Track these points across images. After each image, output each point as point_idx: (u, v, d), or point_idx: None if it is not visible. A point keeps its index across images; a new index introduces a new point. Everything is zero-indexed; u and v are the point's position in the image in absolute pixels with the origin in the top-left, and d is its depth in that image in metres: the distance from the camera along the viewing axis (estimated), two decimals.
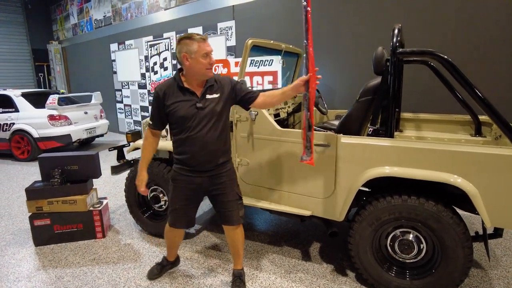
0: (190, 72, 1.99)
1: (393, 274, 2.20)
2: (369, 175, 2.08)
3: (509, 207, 1.84)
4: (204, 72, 1.98)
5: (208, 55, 1.95)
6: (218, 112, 2.01)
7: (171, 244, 2.43)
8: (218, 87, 2.07)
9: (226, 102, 2.08)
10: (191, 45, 1.92)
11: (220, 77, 2.12)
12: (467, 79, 1.95)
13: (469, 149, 1.87)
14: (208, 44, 1.98)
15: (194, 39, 1.93)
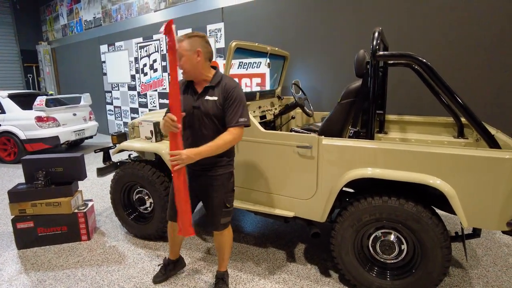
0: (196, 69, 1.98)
1: (374, 274, 2.23)
2: (350, 177, 2.11)
3: (485, 208, 1.88)
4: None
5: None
6: (211, 114, 1.99)
7: (171, 241, 2.42)
8: (219, 90, 1.99)
9: (220, 108, 1.99)
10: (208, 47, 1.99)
11: (228, 82, 2.01)
12: (444, 82, 1.99)
13: (446, 151, 1.91)
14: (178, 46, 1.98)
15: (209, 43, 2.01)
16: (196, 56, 1.93)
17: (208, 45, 1.99)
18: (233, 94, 1.97)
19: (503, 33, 3.21)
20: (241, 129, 1.99)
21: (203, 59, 1.95)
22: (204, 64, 1.97)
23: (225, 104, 1.98)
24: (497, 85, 3.31)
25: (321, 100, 4.47)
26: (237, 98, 1.97)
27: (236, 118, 1.95)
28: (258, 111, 3.19)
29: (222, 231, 2.18)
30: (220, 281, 2.29)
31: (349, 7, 4.04)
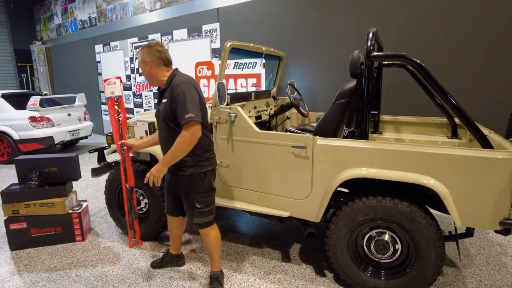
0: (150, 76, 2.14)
1: (369, 274, 2.23)
2: (345, 176, 2.12)
3: (478, 207, 1.90)
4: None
5: None
6: (163, 115, 2.07)
7: (170, 234, 2.56)
8: (169, 91, 2.03)
9: (171, 110, 2.02)
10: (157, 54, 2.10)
11: (174, 81, 2.04)
12: (438, 82, 2.01)
13: (440, 151, 1.92)
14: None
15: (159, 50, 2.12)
16: (146, 66, 2.08)
17: (158, 52, 2.06)
18: (177, 92, 1.96)
19: (500, 34, 3.24)
20: (190, 126, 1.93)
21: (153, 66, 2.07)
22: (156, 70, 2.08)
23: (173, 105, 1.98)
24: (491, 86, 3.34)
25: (316, 100, 4.48)
26: (180, 95, 1.94)
27: (182, 117, 1.93)
28: (254, 111, 3.19)
29: (203, 231, 2.23)
30: (214, 281, 2.29)
31: (344, 8, 4.06)
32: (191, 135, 1.94)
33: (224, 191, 2.72)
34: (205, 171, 2.14)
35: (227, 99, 2.52)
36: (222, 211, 3.71)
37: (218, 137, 2.65)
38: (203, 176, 2.13)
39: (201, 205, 2.16)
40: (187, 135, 1.94)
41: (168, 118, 2.04)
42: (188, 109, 1.91)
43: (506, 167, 1.80)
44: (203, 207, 2.17)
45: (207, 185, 2.16)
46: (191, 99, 1.94)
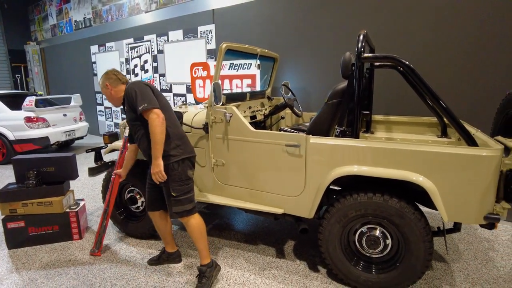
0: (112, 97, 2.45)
1: (361, 268, 2.31)
2: (336, 174, 2.19)
3: (464, 203, 1.98)
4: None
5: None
6: (129, 119, 2.34)
7: (159, 232, 2.66)
8: (125, 98, 2.32)
9: (131, 111, 2.28)
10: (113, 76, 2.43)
11: (126, 88, 2.29)
12: (425, 83, 2.09)
13: (428, 149, 2.00)
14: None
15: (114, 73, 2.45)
16: (107, 89, 2.39)
17: (114, 75, 2.40)
18: (128, 93, 2.23)
19: (487, 37, 3.33)
20: (147, 113, 2.14)
21: (112, 87, 2.39)
22: (116, 90, 2.40)
23: (130, 105, 2.24)
24: (479, 86, 3.43)
25: (310, 100, 4.55)
26: (131, 94, 2.19)
27: (138, 109, 2.15)
28: (249, 111, 3.25)
29: (184, 220, 2.35)
30: (200, 276, 2.35)
31: (337, 10, 4.14)
32: (156, 118, 2.12)
33: (220, 189, 2.78)
34: (177, 160, 2.27)
35: (222, 99, 2.58)
36: (218, 210, 3.77)
37: (213, 136, 2.71)
38: (176, 166, 2.27)
39: (176, 193, 2.28)
40: (152, 119, 2.12)
41: (133, 119, 2.30)
42: (141, 101, 2.15)
43: (490, 163, 1.89)
44: (179, 196, 2.28)
45: (182, 174, 2.29)
46: (141, 92, 2.18)
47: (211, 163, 2.76)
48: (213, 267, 2.41)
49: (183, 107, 3.35)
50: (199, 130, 2.78)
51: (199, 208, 3.85)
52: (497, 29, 3.23)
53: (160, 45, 6.52)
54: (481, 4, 3.28)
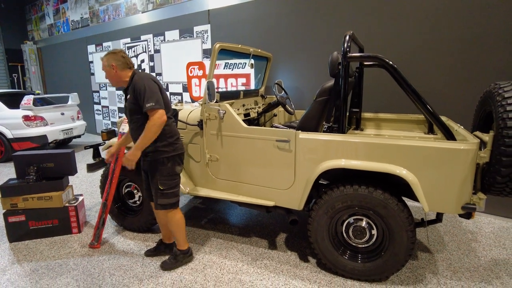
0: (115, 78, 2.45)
1: (347, 257, 2.43)
2: (324, 167, 2.31)
3: (444, 194, 2.10)
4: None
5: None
6: (129, 110, 2.37)
7: (158, 222, 2.75)
8: (131, 88, 2.34)
9: (135, 103, 2.33)
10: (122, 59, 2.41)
11: (134, 79, 2.35)
12: (407, 81, 2.21)
13: (409, 143, 2.12)
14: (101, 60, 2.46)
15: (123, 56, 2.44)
16: (112, 69, 2.38)
17: (122, 58, 2.38)
18: (138, 86, 2.28)
19: (469, 36, 3.46)
20: (153, 112, 2.24)
21: (118, 69, 2.37)
22: (121, 73, 2.39)
23: (137, 98, 2.30)
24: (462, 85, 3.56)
25: (303, 99, 4.67)
26: (140, 89, 2.27)
27: (144, 106, 2.24)
28: (242, 109, 3.36)
29: (166, 213, 2.51)
30: (172, 255, 2.62)
31: (329, 11, 4.26)
32: (158, 119, 2.24)
33: (214, 183, 2.89)
34: (168, 156, 2.40)
35: (216, 97, 2.69)
36: (213, 204, 3.88)
37: (208, 132, 2.82)
38: (166, 161, 2.40)
39: (163, 187, 2.42)
40: (153, 120, 2.24)
41: (133, 111, 2.35)
42: (149, 99, 2.24)
43: (467, 157, 2.01)
44: (165, 189, 2.43)
45: (170, 169, 2.43)
46: (150, 90, 2.26)
47: (205, 158, 2.87)
48: (187, 255, 2.66)
49: (178, 105, 3.46)
50: (194, 126, 2.89)
51: (194, 203, 3.96)
52: (481, 30, 3.36)
53: (156, 45, 6.62)
54: (466, 5, 3.41)
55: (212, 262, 2.66)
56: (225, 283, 2.40)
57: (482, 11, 3.33)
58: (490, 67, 3.37)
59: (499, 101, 1.99)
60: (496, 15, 3.26)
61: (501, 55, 3.30)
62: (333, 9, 4.23)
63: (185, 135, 2.98)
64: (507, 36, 3.24)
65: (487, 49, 3.36)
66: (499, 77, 3.34)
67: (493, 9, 3.27)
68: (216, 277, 2.46)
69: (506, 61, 3.28)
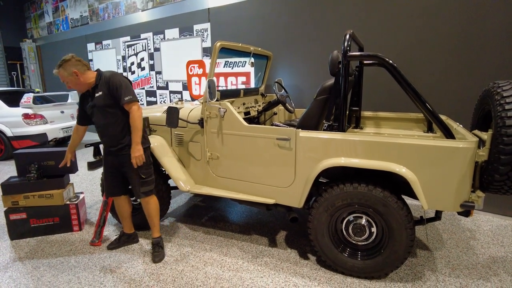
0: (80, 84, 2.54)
1: (347, 255, 2.45)
2: (324, 165, 2.32)
3: (442, 192, 2.12)
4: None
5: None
6: (102, 105, 2.47)
7: (120, 215, 2.89)
8: (102, 85, 2.47)
9: (109, 97, 2.46)
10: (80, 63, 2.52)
11: (105, 75, 2.48)
12: (407, 81, 2.23)
13: (409, 141, 2.14)
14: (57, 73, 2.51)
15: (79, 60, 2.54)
16: (76, 76, 2.45)
17: (79, 61, 2.48)
18: (113, 82, 2.43)
19: (469, 36, 3.48)
20: (131, 104, 2.44)
21: (81, 74, 2.46)
22: (84, 76, 2.48)
23: (113, 93, 2.44)
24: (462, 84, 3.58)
25: (303, 97, 4.69)
26: (117, 84, 2.43)
27: (123, 99, 2.42)
28: (243, 107, 3.38)
29: (145, 199, 2.67)
30: (156, 246, 2.74)
31: (329, 10, 4.27)
32: (138, 110, 2.46)
33: (214, 181, 2.91)
34: (144, 147, 2.59)
35: (217, 95, 2.71)
36: (213, 203, 3.90)
37: (208, 130, 2.83)
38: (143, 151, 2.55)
39: (145, 176, 2.62)
40: (137, 110, 2.45)
41: (108, 106, 2.47)
42: (127, 93, 2.44)
43: (466, 155, 2.03)
44: (146, 177, 2.63)
45: (147, 158, 2.63)
46: (126, 85, 2.47)
47: (206, 157, 2.88)
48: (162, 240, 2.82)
49: (179, 103, 3.47)
50: (194, 125, 2.90)
51: (195, 201, 3.97)
52: (480, 28, 3.38)
53: (156, 43, 6.62)
54: (464, 3, 3.42)
55: (213, 260, 2.68)
56: (226, 280, 2.42)
57: (481, 9, 3.34)
58: (489, 66, 3.39)
59: (498, 100, 2.01)
60: (495, 13, 3.28)
61: (500, 54, 3.31)
62: (333, 8, 4.24)
63: (186, 134, 3.00)
64: (507, 35, 3.26)
65: (486, 48, 3.38)
66: (498, 76, 3.36)
67: (492, 7, 3.28)
68: (217, 275, 2.48)
69: (505, 60, 3.30)
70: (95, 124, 2.58)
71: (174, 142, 3.09)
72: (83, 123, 2.77)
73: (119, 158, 2.60)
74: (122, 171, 2.67)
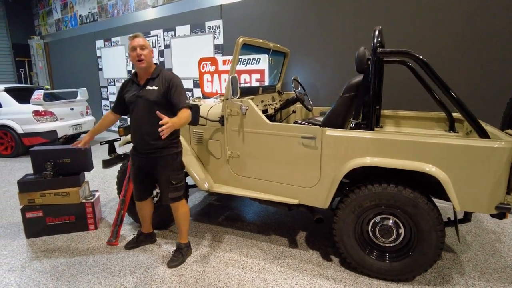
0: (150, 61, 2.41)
1: (374, 257, 2.38)
2: (352, 165, 2.26)
3: (476, 193, 2.05)
4: (135, 64, 2.35)
5: (134, 49, 2.31)
6: (152, 101, 2.34)
7: (142, 218, 2.80)
8: (159, 81, 2.37)
9: (163, 95, 2.35)
10: (128, 44, 2.37)
11: (166, 73, 2.40)
12: (440, 78, 2.15)
13: (441, 141, 2.07)
14: (136, 40, 2.32)
15: (128, 39, 2.37)
16: (150, 53, 2.39)
17: (129, 40, 2.37)
18: (173, 82, 2.35)
19: (495, 32, 3.39)
20: (186, 110, 2.31)
21: (150, 56, 2.39)
22: (130, 56, 2.37)
23: (169, 92, 2.34)
24: (486, 82, 3.50)
25: (318, 95, 4.61)
26: (178, 85, 2.36)
27: (182, 102, 2.32)
28: (261, 105, 3.31)
29: (174, 205, 2.54)
30: (177, 251, 2.63)
31: (345, 6, 4.19)
32: (190, 116, 2.34)
33: (235, 180, 2.85)
34: (177, 151, 2.50)
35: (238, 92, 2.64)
36: (228, 202, 3.84)
37: (229, 128, 2.77)
38: (175, 156, 2.48)
39: (175, 181, 2.49)
40: (187, 116, 2.30)
41: (157, 103, 2.34)
42: (183, 97, 2.36)
43: (502, 155, 1.96)
44: (177, 183, 2.50)
45: (179, 163, 2.53)
46: (183, 90, 2.40)
47: (226, 155, 2.82)
48: (189, 248, 2.71)
49: (196, 100, 3.41)
50: (214, 122, 2.84)
51: (209, 199, 3.92)
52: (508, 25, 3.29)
53: (167, 40, 6.56)
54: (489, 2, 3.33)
55: (234, 261, 2.62)
56: (249, 281, 2.36)
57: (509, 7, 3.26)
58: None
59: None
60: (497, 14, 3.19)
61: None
62: (349, 4, 4.15)
63: (205, 131, 2.94)
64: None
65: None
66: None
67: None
68: (239, 276, 2.43)
69: None
70: (132, 116, 2.43)
71: (193, 140, 3.03)
72: (117, 111, 2.63)
73: (150, 161, 2.45)
74: (150, 173, 2.54)
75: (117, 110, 2.64)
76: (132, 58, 2.34)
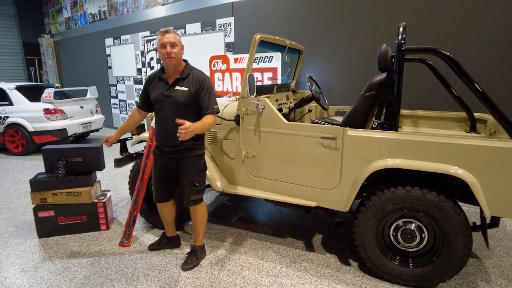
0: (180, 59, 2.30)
1: (397, 262, 2.29)
2: (375, 167, 2.17)
3: (507, 197, 1.95)
4: (164, 61, 2.24)
5: (164, 46, 2.19)
6: (180, 102, 2.24)
7: (164, 220, 2.72)
8: (190, 81, 2.26)
9: (192, 97, 2.25)
10: (157, 39, 2.25)
11: (197, 74, 2.29)
12: (468, 76, 2.05)
13: (470, 142, 1.97)
14: (166, 36, 2.19)
15: (158, 34, 2.24)
16: (181, 49, 2.27)
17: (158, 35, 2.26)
18: (205, 84, 2.25)
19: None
20: (213, 115, 2.26)
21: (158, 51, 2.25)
22: (159, 53, 2.24)
23: (199, 94, 2.24)
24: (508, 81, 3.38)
25: (332, 93, 4.52)
26: (209, 87, 2.26)
27: (211, 106, 2.24)
28: (276, 104, 3.23)
29: (194, 207, 2.46)
30: (192, 254, 2.56)
31: (361, 2, 4.08)
32: (214, 122, 2.27)
33: (250, 181, 2.77)
34: (201, 153, 2.42)
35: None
36: (241, 203, 3.77)
37: (245, 128, 2.70)
38: (200, 158, 2.41)
39: (199, 183, 2.41)
40: (212, 122, 2.23)
41: (185, 105, 2.25)
42: (213, 102, 2.26)
43: None
44: (200, 185, 2.42)
45: (203, 165, 2.46)
46: (214, 93, 2.29)
47: (241, 155, 2.75)
48: (203, 250, 2.64)
49: None
50: (230, 122, 2.77)
51: (221, 200, 3.85)
52: None
53: None
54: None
55: (249, 264, 2.55)
56: (266, 286, 2.29)
57: None
58: None
59: None
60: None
61: None
62: (365, 2, 4.05)
63: (220, 131, 2.87)
64: None
65: None
66: None
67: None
68: (256, 280, 2.35)
69: None
70: (158, 116, 2.33)
71: (207, 139, 2.96)
72: (144, 108, 2.53)
73: (173, 162, 2.37)
74: (173, 174, 2.45)
75: (143, 108, 2.54)
76: (161, 55, 2.22)
